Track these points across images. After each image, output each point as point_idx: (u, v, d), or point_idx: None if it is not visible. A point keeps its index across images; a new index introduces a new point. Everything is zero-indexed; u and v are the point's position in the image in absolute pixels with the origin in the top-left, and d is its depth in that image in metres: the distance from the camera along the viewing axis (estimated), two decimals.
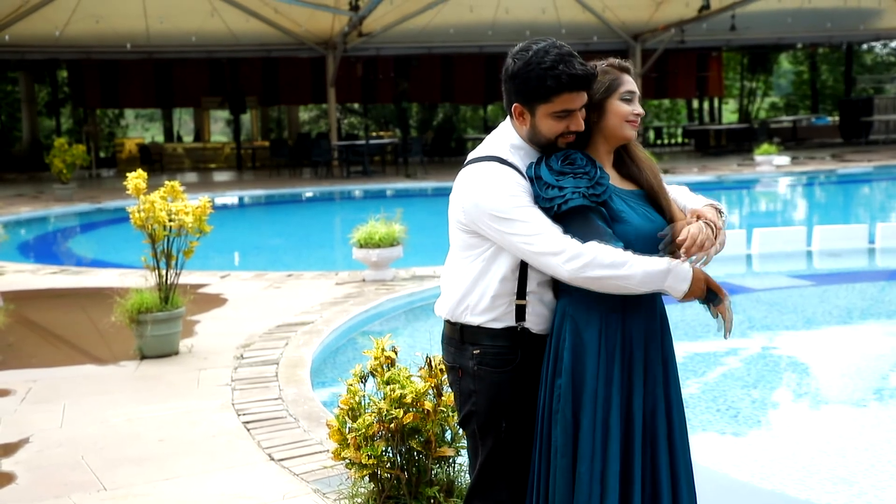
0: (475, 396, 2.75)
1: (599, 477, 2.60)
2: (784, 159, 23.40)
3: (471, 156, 2.76)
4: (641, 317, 2.67)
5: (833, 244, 11.16)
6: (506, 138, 2.74)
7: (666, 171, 22.44)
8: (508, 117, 2.75)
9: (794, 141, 32.36)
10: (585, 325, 2.63)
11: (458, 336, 2.77)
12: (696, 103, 38.13)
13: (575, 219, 2.58)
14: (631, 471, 2.63)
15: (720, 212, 2.70)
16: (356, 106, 37.10)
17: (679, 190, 2.86)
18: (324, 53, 26.00)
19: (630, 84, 2.69)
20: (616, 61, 2.72)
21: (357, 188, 21.72)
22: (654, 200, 2.72)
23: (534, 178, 2.64)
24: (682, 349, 7.19)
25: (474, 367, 2.73)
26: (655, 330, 2.71)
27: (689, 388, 6.27)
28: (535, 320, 2.71)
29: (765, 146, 23.35)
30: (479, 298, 2.71)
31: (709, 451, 5.23)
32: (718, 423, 5.66)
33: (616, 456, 2.61)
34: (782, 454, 5.14)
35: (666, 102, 41.55)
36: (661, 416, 2.68)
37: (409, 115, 36.44)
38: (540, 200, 2.61)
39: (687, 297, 2.58)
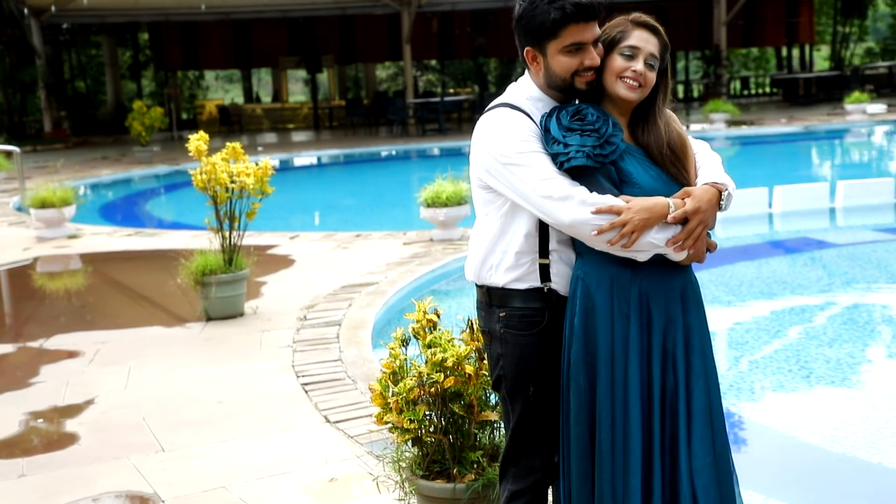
0: (503, 360, 2.70)
1: (622, 447, 2.52)
2: (878, 107, 22.32)
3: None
4: (658, 277, 2.55)
5: None
6: (523, 91, 2.66)
7: (752, 123, 21.77)
8: (527, 71, 2.67)
9: (890, 88, 30.86)
10: (596, 286, 2.54)
11: (487, 299, 2.72)
12: (785, 51, 36.72)
13: (578, 177, 2.49)
14: (651, 439, 2.53)
15: (720, 192, 2.55)
16: (434, 63, 36.80)
17: (707, 158, 2.69)
18: (399, 10, 25.78)
19: (636, 39, 2.54)
20: (635, 15, 2.59)
21: (433, 146, 21.58)
22: (666, 167, 2.58)
23: (543, 131, 2.55)
24: (755, 309, 7.00)
25: (501, 330, 2.68)
26: (675, 290, 2.57)
27: (761, 349, 6.09)
28: (561, 281, 2.63)
29: (856, 94, 22.34)
30: (502, 257, 2.65)
31: (778, 412, 5.09)
32: (790, 383, 5.49)
33: (637, 423, 2.51)
34: (855, 416, 4.94)
35: (754, 51, 40.05)
36: (682, 384, 2.55)
37: (486, 70, 36.00)
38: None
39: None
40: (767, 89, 34.75)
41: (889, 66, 33.36)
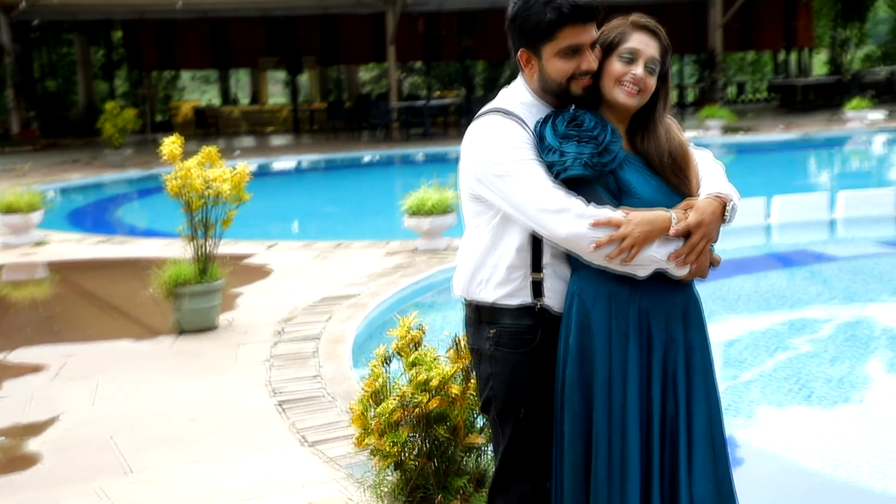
0: (492, 380, 2.62)
1: (619, 474, 2.44)
2: (878, 114, 22.08)
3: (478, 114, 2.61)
4: (658, 293, 2.47)
5: None
6: (516, 96, 2.59)
7: (748, 130, 21.62)
8: (520, 74, 2.60)
9: (891, 94, 30.52)
10: (593, 303, 2.47)
11: (476, 316, 2.64)
12: (782, 55, 36.45)
13: (575, 188, 2.42)
14: (651, 465, 2.45)
15: (725, 204, 2.48)
16: (419, 64, 36.61)
17: (709, 168, 2.61)
18: (383, 10, 25.56)
19: (636, 42, 2.49)
20: (635, 17, 2.51)
21: (417, 151, 21.46)
22: (667, 177, 2.50)
23: (537, 138, 2.48)
24: (752, 325, 6.90)
25: (490, 348, 2.60)
26: (677, 307, 2.49)
27: (759, 367, 5.98)
28: (554, 297, 2.54)
29: (856, 101, 22.01)
30: (492, 271, 2.57)
31: (778, 434, 4.98)
32: (790, 403, 5.37)
33: (636, 448, 2.44)
34: (858, 439, 4.82)
35: (750, 55, 39.77)
36: (682, 406, 2.47)
37: (474, 73, 35.85)
38: None
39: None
40: (764, 95, 34.43)
41: (890, 72, 32.96)
